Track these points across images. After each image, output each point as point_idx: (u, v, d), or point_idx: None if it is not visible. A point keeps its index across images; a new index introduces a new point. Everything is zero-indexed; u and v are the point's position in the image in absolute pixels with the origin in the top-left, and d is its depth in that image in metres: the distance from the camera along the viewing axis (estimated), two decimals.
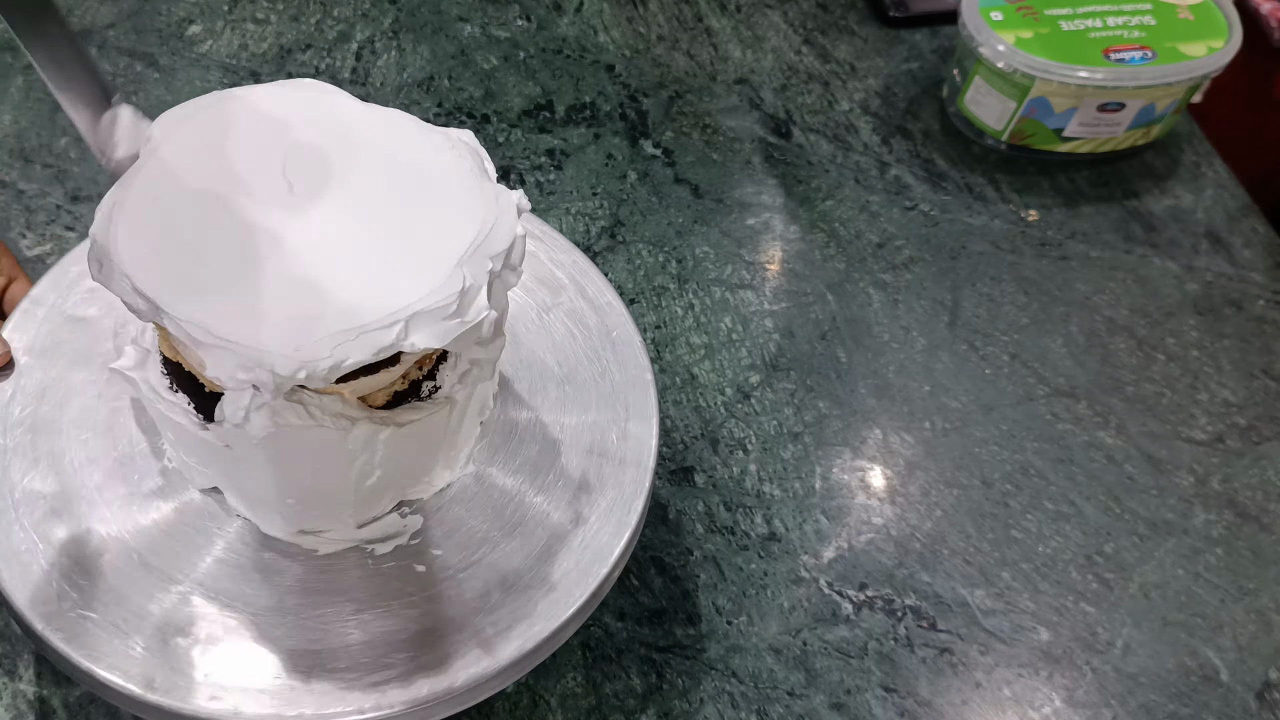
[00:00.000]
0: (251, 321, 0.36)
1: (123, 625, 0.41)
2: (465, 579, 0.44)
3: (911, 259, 0.74)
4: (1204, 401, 0.69)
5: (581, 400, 0.50)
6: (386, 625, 0.43)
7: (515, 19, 0.86)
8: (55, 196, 0.71)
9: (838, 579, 0.59)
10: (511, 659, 0.42)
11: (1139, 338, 0.71)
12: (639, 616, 0.56)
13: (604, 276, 0.54)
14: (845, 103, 0.84)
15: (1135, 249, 0.77)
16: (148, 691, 0.40)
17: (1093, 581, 0.60)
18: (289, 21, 0.84)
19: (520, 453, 0.49)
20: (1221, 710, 0.56)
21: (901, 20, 0.89)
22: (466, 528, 0.46)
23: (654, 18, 0.88)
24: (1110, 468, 0.65)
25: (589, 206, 0.74)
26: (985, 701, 0.56)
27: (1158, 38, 0.77)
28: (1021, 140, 0.80)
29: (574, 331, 0.52)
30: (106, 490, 0.45)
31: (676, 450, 0.63)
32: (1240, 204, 0.80)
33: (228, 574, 0.44)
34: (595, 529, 0.46)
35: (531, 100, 0.81)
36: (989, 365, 0.69)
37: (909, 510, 0.62)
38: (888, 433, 0.65)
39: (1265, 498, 0.64)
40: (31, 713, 0.51)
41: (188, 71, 0.79)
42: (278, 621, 0.43)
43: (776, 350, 0.68)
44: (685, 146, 0.79)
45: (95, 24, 0.82)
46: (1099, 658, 0.57)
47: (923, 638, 0.57)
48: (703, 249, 0.73)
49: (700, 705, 0.54)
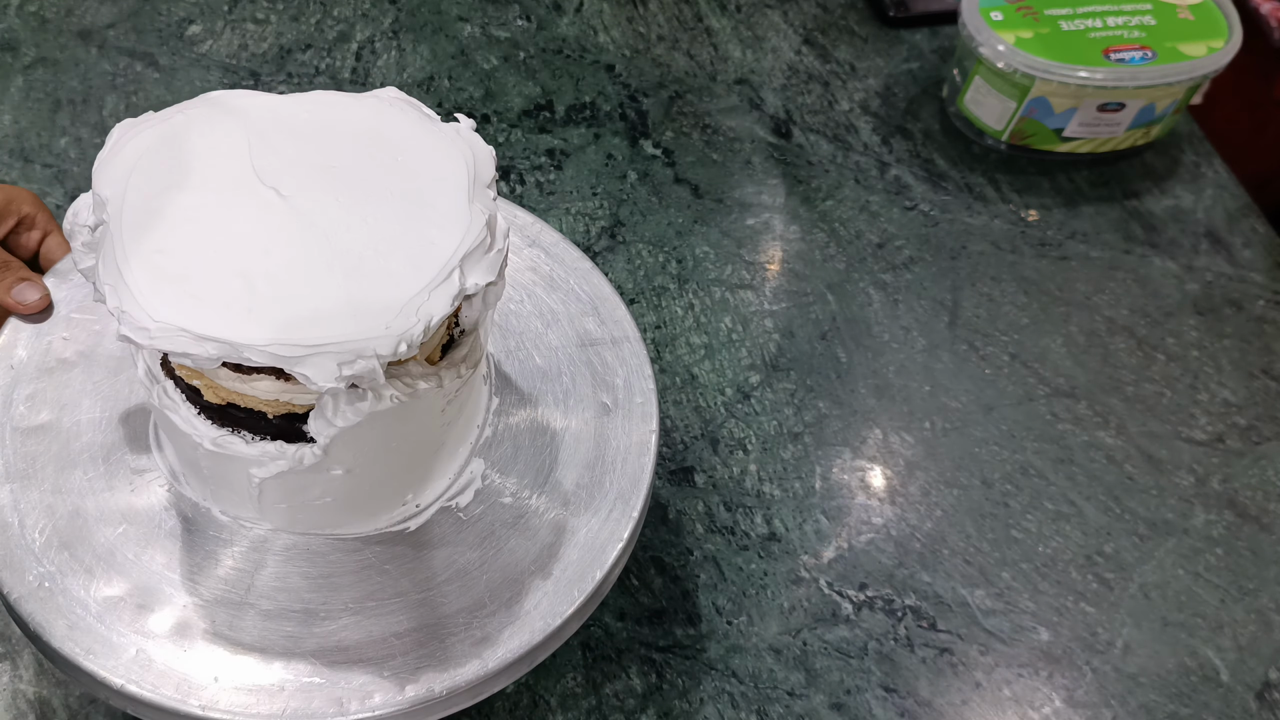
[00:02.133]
0: (324, 322, 0.36)
1: (123, 626, 0.41)
2: (466, 578, 0.44)
3: (911, 259, 0.74)
4: (1204, 401, 0.69)
5: (581, 399, 0.50)
6: (387, 625, 0.43)
7: (515, 19, 0.86)
8: (55, 197, 0.71)
9: (838, 579, 0.59)
10: (512, 659, 0.42)
11: (1139, 338, 0.71)
12: (639, 616, 0.56)
13: (603, 276, 0.54)
14: (845, 103, 0.84)
15: (1135, 249, 0.77)
16: (148, 692, 0.40)
17: (1093, 581, 0.60)
18: (289, 21, 0.84)
19: (520, 451, 0.49)
20: (1221, 710, 0.56)
21: (901, 20, 0.89)
22: (467, 527, 0.46)
23: (654, 18, 0.88)
24: (1110, 468, 0.65)
25: (589, 206, 0.74)
26: (985, 701, 0.56)
27: (1158, 38, 0.77)
28: (1021, 140, 0.80)
29: (573, 330, 0.52)
30: (107, 492, 0.45)
31: (676, 450, 0.63)
32: (1240, 204, 0.80)
33: (228, 574, 0.44)
34: (595, 528, 0.46)
35: (531, 100, 0.81)
36: (989, 365, 0.69)
37: (909, 510, 0.62)
38: (888, 433, 0.65)
39: (1265, 498, 0.64)
40: (31, 713, 0.51)
41: (188, 71, 0.79)
42: (278, 621, 0.43)
43: (776, 350, 0.68)
44: (685, 146, 0.79)
45: (95, 24, 0.82)
46: (1099, 658, 0.57)
47: (923, 638, 0.57)
48: (703, 249, 0.73)
49: (700, 705, 0.54)
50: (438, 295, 0.37)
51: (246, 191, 0.39)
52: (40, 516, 0.44)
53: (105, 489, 0.45)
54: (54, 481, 0.45)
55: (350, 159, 0.41)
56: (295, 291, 0.37)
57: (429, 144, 0.41)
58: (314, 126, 0.41)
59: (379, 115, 0.42)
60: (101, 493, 0.45)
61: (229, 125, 0.41)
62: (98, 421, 0.47)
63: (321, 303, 0.36)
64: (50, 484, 0.45)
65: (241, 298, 0.36)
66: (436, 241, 0.38)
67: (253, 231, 0.38)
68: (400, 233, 0.39)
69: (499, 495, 0.47)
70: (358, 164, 0.40)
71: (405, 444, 0.43)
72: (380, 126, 0.42)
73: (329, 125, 0.42)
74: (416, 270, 0.38)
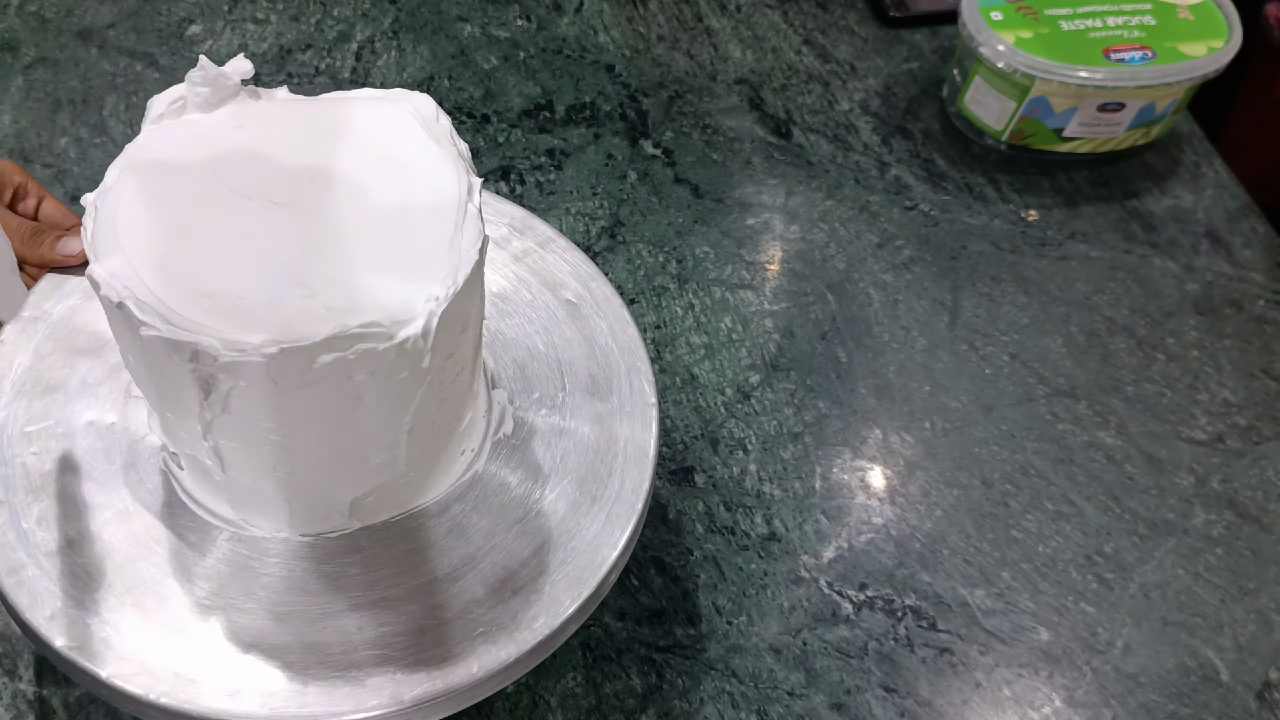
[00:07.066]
0: (371, 292, 0.37)
1: (124, 626, 0.41)
2: (466, 578, 0.44)
3: (911, 259, 0.74)
4: (1204, 401, 0.69)
5: (581, 397, 0.50)
6: (387, 625, 0.43)
7: (515, 19, 0.86)
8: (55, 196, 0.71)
9: (838, 579, 0.59)
10: (512, 659, 0.42)
11: (1139, 338, 0.71)
12: (639, 616, 0.56)
13: (602, 274, 0.54)
14: (845, 103, 0.84)
15: (1135, 249, 0.77)
16: (149, 693, 0.40)
17: (1093, 581, 0.60)
18: (289, 21, 0.84)
19: (520, 450, 0.49)
20: (1221, 710, 0.56)
21: (901, 20, 0.89)
22: (467, 527, 0.46)
23: (654, 18, 0.88)
24: (1110, 468, 0.65)
25: (589, 206, 0.74)
26: (985, 701, 0.56)
27: (1158, 38, 0.77)
28: (1021, 140, 0.80)
29: (571, 328, 0.52)
30: (108, 493, 0.45)
31: (676, 450, 0.63)
32: (1240, 204, 0.80)
33: (229, 574, 0.44)
34: (596, 528, 0.46)
35: (531, 100, 0.81)
36: (989, 365, 0.69)
37: (909, 510, 0.62)
38: (888, 433, 0.65)
39: (1265, 498, 0.64)
40: (31, 713, 0.51)
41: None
42: (278, 621, 0.43)
43: (776, 350, 0.68)
44: (685, 146, 0.79)
45: (95, 24, 0.82)
46: (1099, 658, 0.57)
47: (923, 638, 0.57)
48: (703, 249, 0.73)
49: (700, 705, 0.54)
50: (454, 258, 0.39)
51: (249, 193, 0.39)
52: (40, 516, 0.44)
53: (106, 487, 0.45)
54: (56, 485, 0.45)
55: (332, 158, 0.41)
56: (340, 270, 0.38)
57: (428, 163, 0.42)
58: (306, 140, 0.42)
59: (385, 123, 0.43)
60: (101, 490, 0.45)
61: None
62: (99, 424, 0.47)
63: (371, 274, 0.38)
64: (51, 487, 0.45)
65: (284, 294, 0.37)
66: (444, 208, 0.40)
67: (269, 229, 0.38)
68: (404, 208, 0.40)
69: (499, 495, 0.47)
70: (338, 158, 0.41)
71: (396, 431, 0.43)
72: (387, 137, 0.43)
73: (312, 129, 0.42)
74: (431, 235, 0.39)
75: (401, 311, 0.37)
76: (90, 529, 0.44)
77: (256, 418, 0.38)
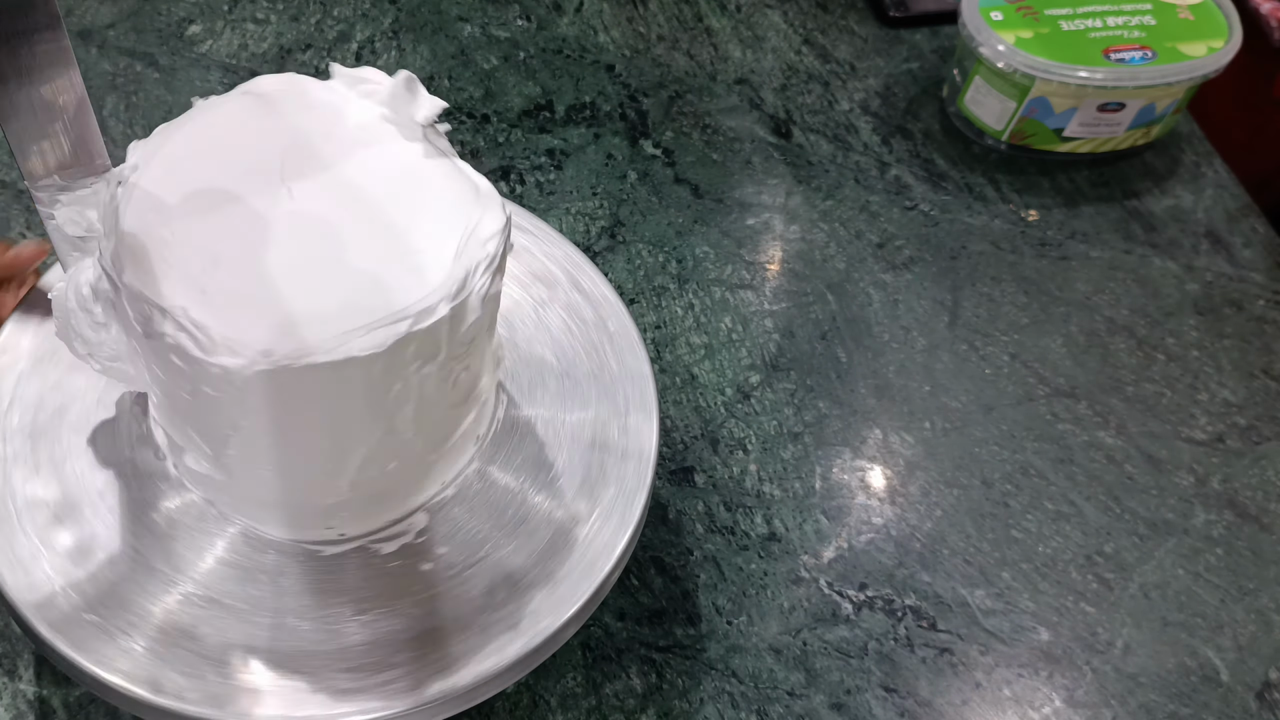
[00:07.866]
0: (390, 288, 0.37)
1: (125, 627, 0.41)
2: (467, 578, 0.44)
3: (911, 259, 0.74)
4: (1204, 401, 0.69)
5: (580, 396, 0.50)
6: (388, 625, 0.43)
7: (515, 19, 0.86)
8: None
9: (838, 579, 0.59)
10: (512, 659, 0.42)
11: (1139, 338, 0.71)
12: (639, 616, 0.56)
13: (600, 272, 0.54)
14: (845, 103, 0.84)
15: (1135, 249, 0.77)
16: (151, 694, 0.40)
17: (1093, 581, 0.60)
18: (289, 21, 0.84)
19: (521, 450, 0.49)
20: (1221, 710, 0.56)
21: (901, 20, 0.89)
22: (468, 527, 0.46)
23: (654, 18, 0.88)
24: (1110, 468, 0.65)
25: (589, 206, 0.74)
26: (985, 701, 0.56)
27: (1158, 38, 0.77)
28: (1021, 140, 0.80)
29: (571, 327, 0.52)
30: (108, 494, 0.45)
31: (676, 450, 0.63)
32: (1240, 204, 0.80)
33: (230, 575, 0.44)
34: (597, 527, 0.46)
35: (531, 100, 0.81)
36: (989, 365, 0.69)
37: (909, 510, 0.62)
38: (888, 433, 0.65)
39: (1265, 498, 0.64)
40: (31, 713, 0.51)
41: (188, 71, 0.79)
42: (279, 622, 0.43)
43: (776, 350, 0.68)
44: (685, 146, 0.79)
45: (95, 24, 0.82)
46: (1099, 658, 0.57)
47: (923, 638, 0.57)
48: (703, 249, 0.73)
49: (700, 705, 0.54)
50: (470, 252, 0.39)
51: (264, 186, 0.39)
52: (40, 516, 0.44)
53: (105, 486, 0.45)
54: (57, 484, 0.45)
55: (338, 160, 0.41)
56: (358, 268, 0.38)
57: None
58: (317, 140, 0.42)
59: (344, 109, 0.43)
60: (100, 490, 0.45)
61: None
62: (99, 425, 0.47)
63: (386, 275, 0.38)
64: (54, 481, 0.45)
65: (295, 296, 0.37)
66: (465, 209, 0.40)
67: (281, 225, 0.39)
68: (420, 207, 0.40)
69: (499, 495, 0.47)
70: (345, 161, 0.41)
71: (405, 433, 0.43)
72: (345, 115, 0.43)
73: (319, 132, 0.42)
74: (452, 233, 0.39)
75: (417, 305, 0.37)
76: (90, 529, 0.44)
77: (257, 418, 0.38)
